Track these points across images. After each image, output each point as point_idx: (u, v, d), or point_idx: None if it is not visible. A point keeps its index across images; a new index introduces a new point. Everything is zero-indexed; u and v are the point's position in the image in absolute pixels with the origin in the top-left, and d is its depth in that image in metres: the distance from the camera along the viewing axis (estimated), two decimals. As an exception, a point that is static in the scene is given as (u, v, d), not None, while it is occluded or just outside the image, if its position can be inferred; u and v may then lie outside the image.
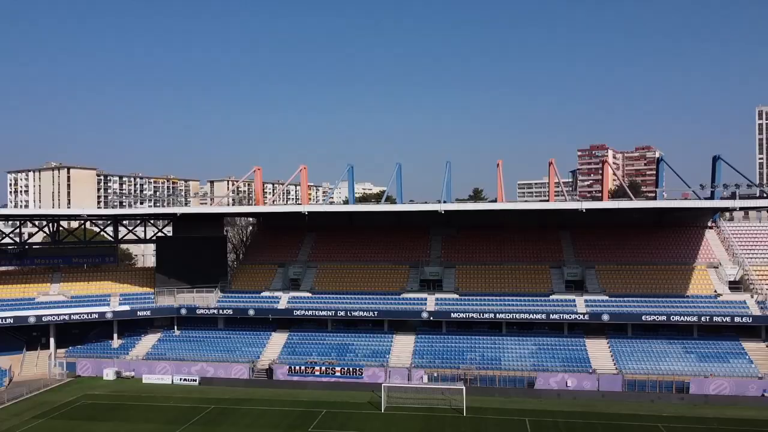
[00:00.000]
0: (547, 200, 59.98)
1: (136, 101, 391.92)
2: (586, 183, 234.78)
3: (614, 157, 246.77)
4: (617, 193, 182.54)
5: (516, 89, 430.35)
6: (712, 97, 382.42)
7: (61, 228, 66.94)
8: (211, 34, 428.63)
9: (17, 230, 65.11)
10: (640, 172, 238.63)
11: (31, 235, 70.50)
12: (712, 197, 54.63)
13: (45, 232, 66.44)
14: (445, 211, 53.95)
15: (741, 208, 57.69)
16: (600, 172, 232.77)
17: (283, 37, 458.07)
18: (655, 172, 66.01)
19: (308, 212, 55.87)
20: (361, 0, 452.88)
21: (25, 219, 65.81)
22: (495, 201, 73.22)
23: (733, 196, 51.33)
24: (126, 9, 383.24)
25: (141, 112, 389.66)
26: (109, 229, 68.90)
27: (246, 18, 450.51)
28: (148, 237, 69.04)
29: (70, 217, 69.15)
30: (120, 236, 68.53)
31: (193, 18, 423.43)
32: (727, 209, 58.79)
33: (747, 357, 52.93)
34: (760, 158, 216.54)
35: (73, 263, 66.26)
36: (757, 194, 57.46)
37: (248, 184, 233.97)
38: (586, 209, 50.40)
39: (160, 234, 67.65)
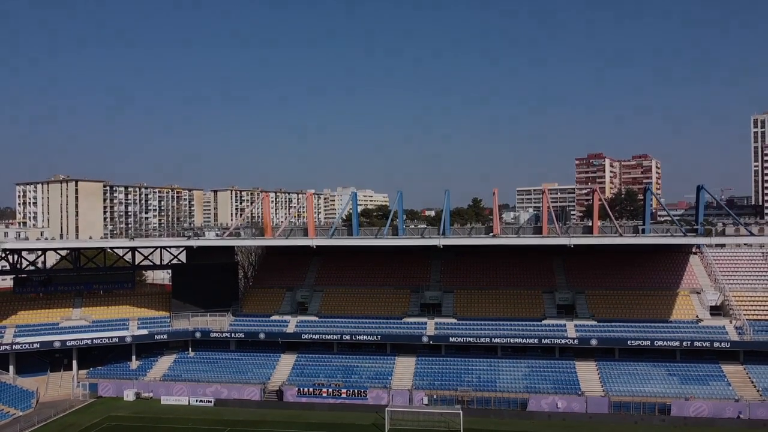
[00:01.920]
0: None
1: (136, 108, 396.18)
2: (583, 192, 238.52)
3: (611, 166, 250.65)
4: (614, 201, 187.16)
5: (516, 96, 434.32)
6: (708, 106, 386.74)
7: (81, 254, 70.76)
8: (214, 42, 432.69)
9: (41, 257, 68.92)
10: (637, 181, 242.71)
11: (52, 264, 74.03)
12: (695, 232, 57.83)
13: (67, 260, 70.39)
14: (443, 245, 57.76)
15: (717, 245, 61.54)
16: (597, 180, 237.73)
17: (284, 45, 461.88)
18: (647, 189, 69.15)
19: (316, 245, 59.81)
20: (361, 4, 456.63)
21: (49, 250, 69.57)
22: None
23: (709, 233, 55.14)
24: (127, 19, 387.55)
25: (143, 119, 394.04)
26: (128, 256, 72.80)
27: (247, 25, 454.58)
28: (163, 262, 72.86)
29: (92, 249, 73.27)
30: (137, 261, 72.22)
31: (194, 26, 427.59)
32: (706, 245, 62.59)
33: (726, 380, 56.48)
34: (755, 166, 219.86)
35: (93, 289, 70.17)
36: (738, 224, 61.06)
37: (251, 193, 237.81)
38: (574, 245, 54.24)
39: (175, 261, 71.32)
